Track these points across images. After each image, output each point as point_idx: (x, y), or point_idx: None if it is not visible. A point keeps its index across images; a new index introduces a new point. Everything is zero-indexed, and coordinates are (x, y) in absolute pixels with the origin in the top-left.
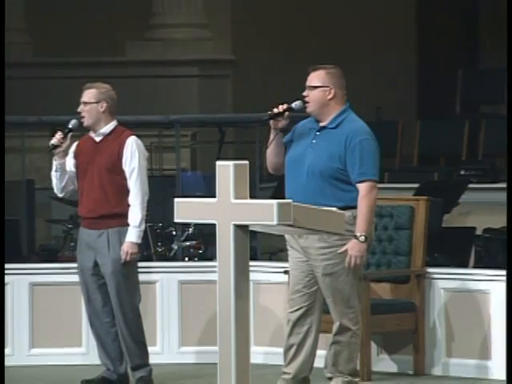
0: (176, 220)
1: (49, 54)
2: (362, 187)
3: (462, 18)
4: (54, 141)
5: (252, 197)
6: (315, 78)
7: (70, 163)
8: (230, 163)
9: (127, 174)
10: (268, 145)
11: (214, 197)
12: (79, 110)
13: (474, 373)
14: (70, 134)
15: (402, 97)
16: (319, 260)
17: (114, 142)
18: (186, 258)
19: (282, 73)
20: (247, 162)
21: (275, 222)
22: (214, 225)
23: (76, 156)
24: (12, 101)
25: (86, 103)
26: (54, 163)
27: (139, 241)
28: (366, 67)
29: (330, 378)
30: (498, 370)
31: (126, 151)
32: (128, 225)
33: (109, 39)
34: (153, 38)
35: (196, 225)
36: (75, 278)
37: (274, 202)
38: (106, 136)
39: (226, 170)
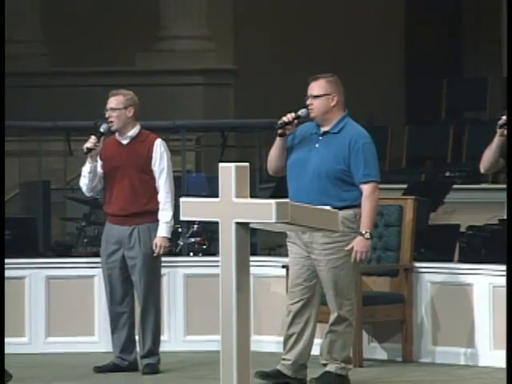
0: (182, 218)
1: (64, 64)
2: (366, 188)
3: (448, 31)
4: (88, 144)
5: (252, 196)
6: (317, 87)
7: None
8: (232, 165)
9: (156, 174)
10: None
11: (217, 196)
12: (107, 115)
13: (459, 360)
14: (102, 138)
15: (392, 104)
16: (323, 255)
17: (143, 145)
18: (191, 254)
19: (279, 81)
20: (248, 164)
21: (274, 220)
22: (216, 222)
23: (103, 158)
24: (29, 107)
25: (114, 109)
26: (89, 166)
27: (170, 235)
28: (359, 76)
29: (325, 365)
30: (482, 357)
31: (155, 153)
32: (157, 221)
33: (120, 50)
34: (160, 49)
35: (200, 222)
36: (88, 272)
37: (273, 201)
38: (133, 139)
39: (228, 172)
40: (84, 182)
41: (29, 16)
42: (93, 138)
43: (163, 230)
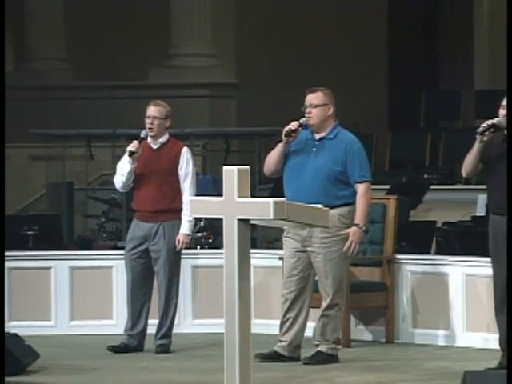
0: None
1: (85, 79)
2: (362, 187)
3: (426, 49)
4: (132, 148)
5: (252, 196)
6: (315, 98)
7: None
8: (235, 168)
9: (181, 177)
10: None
11: (221, 196)
12: (149, 122)
13: (436, 341)
14: (142, 142)
15: (377, 114)
16: (321, 248)
17: (171, 150)
18: (198, 247)
19: (277, 94)
20: (248, 167)
21: (272, 217)
22: (221, 219)
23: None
24: (54, 117)
25: (157, 118)
26: (129, 166)
27: (191, 233)
28: (348, 89)
29: (317, 345)
30: (456, 339)
31: (182, 158)
32: (180, 218)
33: (134, 66)
34: (170, 65)
35: (206, 219)
36: (107, 263)
37: (271, 200)
38: (163, 145)
39: (231, 174)
40: (121, 180)
41: (54, 36)
42: (135, 143)
43: (185, 228)
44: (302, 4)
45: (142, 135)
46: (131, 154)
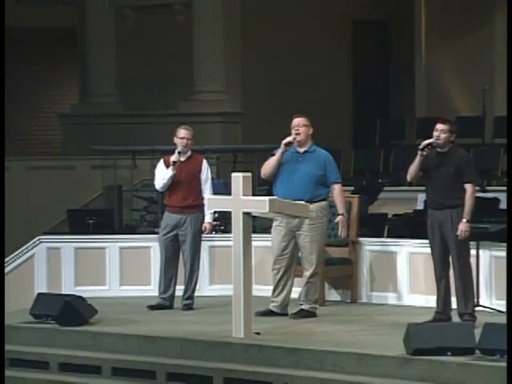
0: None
1: (131, 109)
2: (338, 186)
3: (380, 85)
4: (175, 159)
5: (253, 195)
6: (302, 120)
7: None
8: (240, 174)
9: (203, 181)
10: (279, 153)
11: (230, 195)
12: (184, 142)
13: (387, 300)
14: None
15: (344, 135)
16: (309, 231)
17: (195, 161)
18: (214, 232)
19: (271, 121)
20: (250, 173)
21: (267, 210)
22: (230, 212)
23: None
24: (107, 137)
25: (188, 139)
26: (171, 172)
27: (213, 221)
28: (324, 117)
29: (301, 305)
30: (402, 299)
31: (203, 167)
32: (202, 212)
33: (168, 100)
34: (194, 99)
35: (220, 212)
36: (147, 244)
37: (267, 198)
38: (189, 157)
39: (238, 179)
40: (163, 183)
41: (108, 78)
42: (176, 155)
43: (209, 218)
44: (292, 48)
45: (179, 150)
46: (174, 163)
